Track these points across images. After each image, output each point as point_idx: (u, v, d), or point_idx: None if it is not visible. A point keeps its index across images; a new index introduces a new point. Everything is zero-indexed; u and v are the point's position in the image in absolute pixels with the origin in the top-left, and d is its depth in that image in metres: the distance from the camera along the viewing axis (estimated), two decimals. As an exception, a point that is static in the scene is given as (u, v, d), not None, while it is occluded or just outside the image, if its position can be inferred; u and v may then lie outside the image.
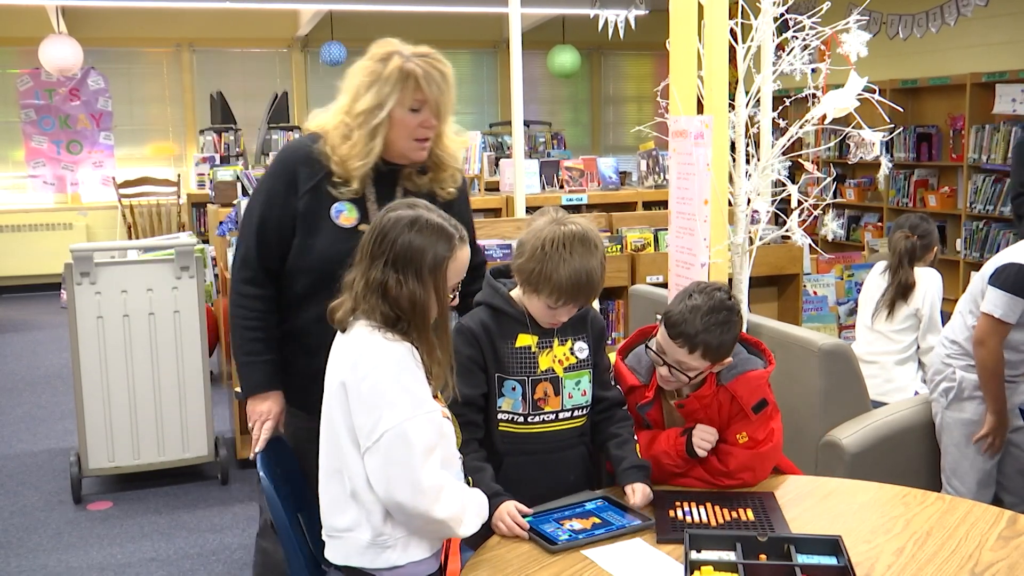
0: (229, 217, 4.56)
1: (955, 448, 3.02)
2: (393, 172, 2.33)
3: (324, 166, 2.26)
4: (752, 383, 2.16)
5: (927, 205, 7.96)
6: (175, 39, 9.81)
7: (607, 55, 11.25)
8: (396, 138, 2.24)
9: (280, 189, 2.29)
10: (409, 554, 1.90)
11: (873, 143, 2.86)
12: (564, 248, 2.02)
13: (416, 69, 2.19)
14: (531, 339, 2.11)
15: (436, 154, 2.35)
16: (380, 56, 2.22)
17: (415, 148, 2.27)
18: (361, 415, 1.85)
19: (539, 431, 2.13)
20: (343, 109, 2.26)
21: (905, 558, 1.82)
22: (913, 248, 3.80)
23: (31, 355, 6.87)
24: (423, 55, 2.23)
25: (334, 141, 2.25)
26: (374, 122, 2.20)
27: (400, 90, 2.19)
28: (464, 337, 2.10)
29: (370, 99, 2.20)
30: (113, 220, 9.40)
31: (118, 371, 4.05)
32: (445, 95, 2.24)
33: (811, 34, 2.87)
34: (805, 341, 2.94)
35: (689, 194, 2.90)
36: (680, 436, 2.16)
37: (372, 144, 2.22)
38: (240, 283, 2.31)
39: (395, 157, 2.29)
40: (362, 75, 2.23)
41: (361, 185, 2.26)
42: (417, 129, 2.24)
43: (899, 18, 7.91)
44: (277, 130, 8.78)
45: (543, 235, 2.04)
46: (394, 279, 1.88)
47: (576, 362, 2.15)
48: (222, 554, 3.61)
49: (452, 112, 2.31)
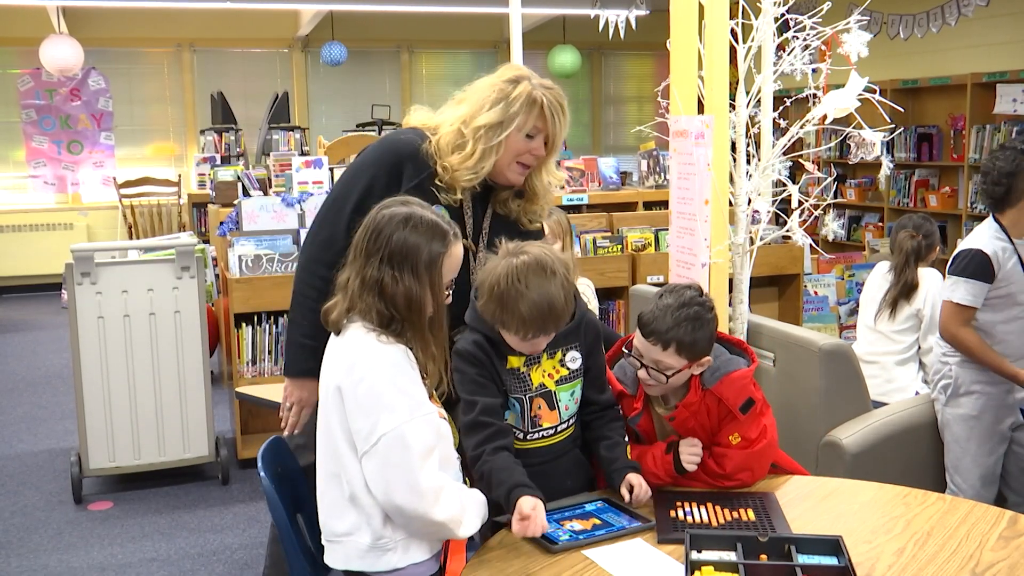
0: (230, 217, 4.56)
1: (956, 445, 3.02)
2: (489, 191, 2.39)
3: (429, 167, 2.31)
4: (736, 384, 2.15)
5: (928, 205, 7.95)
6: (176, 39, 9.81)
7: (608, 55, 11.25)
8: (503, 158, 2.29)
9: (383, 179, 2.32)
10: (409, 556, 1.90)
11: (874, 143, 2.86)
12: (519, 282, 1.96)
13: (542, 98, 2.25)
14: (519, 360, 2.10)
15: (533, 184, 2.40)
16: (510, 78, 2.29)
17: (516, 171, 2.33)
18: (358, 419, 1.85)
19: (537, 446, 2.13)
20: (462, 119, 2.30)
21: (906, 558, 1.82)
22: (919, 248, 3.80)
23: (32, 355, 6.87)
24: (549, 87, 2.30)
25: (443, 147, 2.30)
26: (494, 140, 2.25)
27: (524, 114, 2.25)
28: (466, 359, 2.07)
29: (494, 116, 2.25)
30: (114, 220, 9.41)
31: (119, 371, 4.05)
32: (560, 129, 2.31)
33: (812, 34, 2.87)
34: (806, 341, 2.94)
35: (690, 194, 2.90)
36: (666, 454, 2.15)
37: (485, 163, 2.27)
38: (318, 264, 2.30)
39: (494, 176, 2.34)
40: (489, 91, 2.28)
41: (462, 196, 2.32)
42: (526, 155, 2.30)
43: (900, 18, 7.91)
44: (278, 130, 8.79)
45: (497, 273, 2.00)
46: (390, 276, 1.88)
47: (568, 373, 2.14)
48: (223, 554, 3.61)
49: (559, 149, 2.38)
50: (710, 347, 2.15)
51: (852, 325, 4.76)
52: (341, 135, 7.45)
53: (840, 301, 5.04)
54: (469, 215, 2.37)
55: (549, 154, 2.35)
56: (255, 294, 4.23)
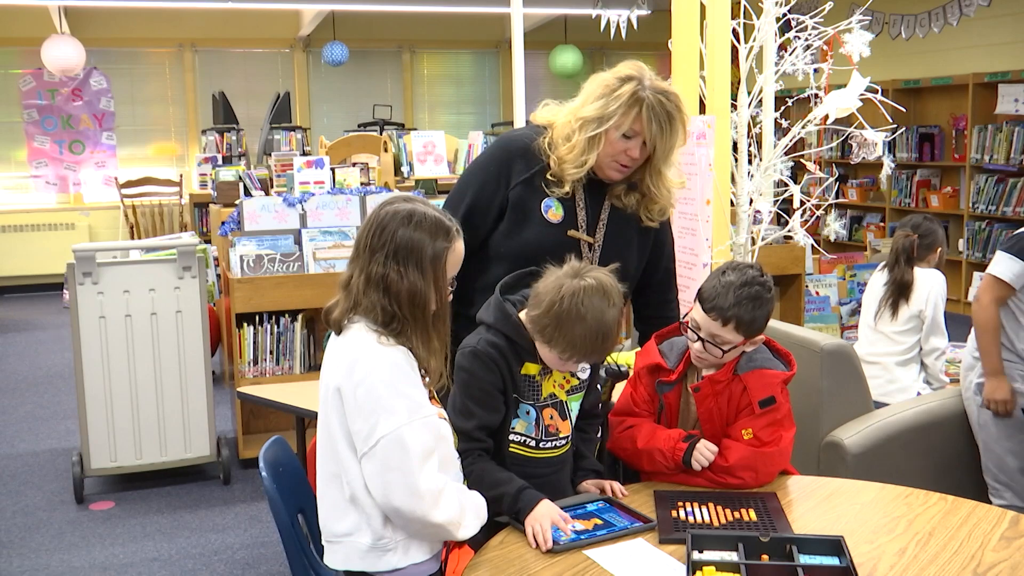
0: (231, 217, 4.57)
1: (996, 444, 3.00)
2: (602, 184, 2.39)
3: (541, 161, 2.34)
4: (766, 379, 2.17)
5: (929, 205, 7.95)
6: (177, 39, 9.82)
7: (609, 55, 11.24)
8: (603, 154, 2.30)
9: (492, 178, 2.37)
10: (410, 556, 1.90)
11: (875, 143, 2.86)
12: (582, 306, 1.94)
13: (646, 99, 2.23)
14: (535, 367, 2.09)
15: (648, 186, 2.39)
16: (622, 75, 2.28)
17: (614, 168, 2.33)
18: (357, 421, 1.85)
19: (546, 456, 2.13)
20: (574, 110, 2.32)
21: (907, 558, 1.82)
22: (911, 246, 3.79)
23: (33, 355, 6.88)
24: (661, 91, 2.26)
25: (557, 138, 2.33)
26: (591, 133, 2.26)
27: (623, 114, 2.24)
28: (482, 363, 2.04)
29: (595, 110, 2.26)
30: (115, 220, 9.41)
31: (120, 371, 4.05)
32: (665, 135, 2.27)
33: (813, 34, 2.87)
34: (807, 341, 2.94)
35: (692, 194, 2.90)
36: (681, 442, 2.15)
37: (587, 156, 2.28)
38: None
39: (597, 170, 2.35)
40: (599, 85, 2.29)
41: (572, 189, 2.34)
42: (621, 155, 2.30)
43: (901, 18, 7.90)
44: (279, 130, 8.79)
45: (561, 290, 1.96)
46: (395, 271, 1.88)
47: (578, 384, 2.15)
48: (224, 554, 3.62)
49: (673, 154, 2.33)
50: (766, 325, 2.18)
51: (853, 325, 4.75)
52: (342, 135, 7.45)
53: (841, 301, 5.04)
54: (582, 207, 2.38)
55: (657, 159, 2.32)
56: (257, 294, 4.23)
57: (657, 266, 2.54)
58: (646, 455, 2.19)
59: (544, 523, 1.90)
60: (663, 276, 2.57)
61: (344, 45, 9.77)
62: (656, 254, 2.52)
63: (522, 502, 1.95)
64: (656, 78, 2.31)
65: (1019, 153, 7.23)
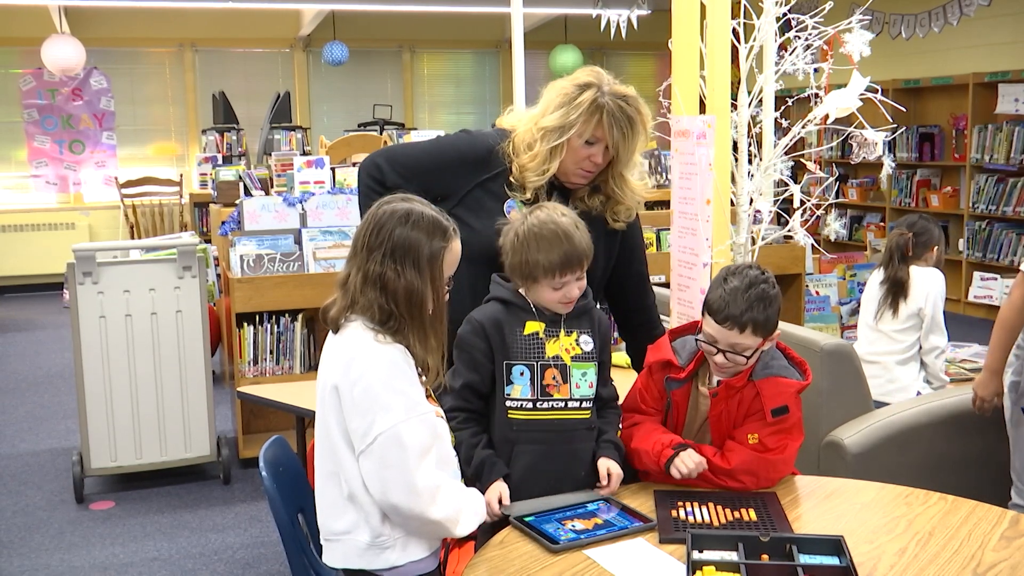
0: (231, 217, 4.57)
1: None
2: (566, 189, 2.41)
3: (503, 164, 2.36)
4: (780, 387, 2.17)
5: (929, 205, 7.95)
6: (177, 39, 9.82)
7: (609, 55, 11.24)
8: (566, 160, 2.32)
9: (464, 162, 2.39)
10: (408, 553, 1.91)
11: (875, 143, 2.85)
12: (535, 227, 2.09)
13: (606, 106, 2.26)
14: (539, 326, 2.14)
15: (612, 188, 2.41)
16: (581, 82, 2.31)
17: (578, 175, 2.36)
18: (355, 418, 1.85)
19: (548, 418, 2.14)
20: (534, 118, 2.34)
21: (907, 558, 1.82)
22: (905, 244, 3.79)
23: (33, 355, 6.88)
24: (621, 96, 2.30)
25: (519, 145, 2.35)
26: (554, 143, 2.28)
27: (584, 121, 2.27)
28: (472, 327, 2.14)
29: (556, 119, 2.28)
30: (115, 220, 9.41)
31: (120, 371, 4.05)
32: (627, 140, 2.30)
33: (814, 34, 2.87)
34: (807, 341, 2.94)
35: (691, 194, 2.89)
36: (668, 449, 2.15)
37: (549, 165, 2.31)
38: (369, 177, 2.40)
39: (560, 177, 2.37)
40: (557, 94, 2.32)
41: (534, 195, 2.35)
42: (584, 161, 2.32)
43: (902, 18, 7.90)
44: (279, 130, 8.79)
45: (514, 228, 2.13)
46: (392, 270, 1.88)
47: (582, 353, 2.16)
48: (224, 554, 3.62)
49: (634, 156, 2.37)
50: (779, 320, 2.19)
51: (853, 325, 4.75)
52: (343, 135, 7.45)
53: (841, 301, 5.04)
54: None
55: (618, 164, 2.35)
56: (257, 294, 4.23)
57: (629, 270, 2.56)
58: (635, 455, 2.20)
59: (491, 495, 2.01)
60: (636, 280, 2.59)
61: (344, 45, 9.77)
62: (626, 257, 2.53)
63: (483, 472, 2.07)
64: (615, 82, 2.34)
65: (1019, 153, 7.23)
